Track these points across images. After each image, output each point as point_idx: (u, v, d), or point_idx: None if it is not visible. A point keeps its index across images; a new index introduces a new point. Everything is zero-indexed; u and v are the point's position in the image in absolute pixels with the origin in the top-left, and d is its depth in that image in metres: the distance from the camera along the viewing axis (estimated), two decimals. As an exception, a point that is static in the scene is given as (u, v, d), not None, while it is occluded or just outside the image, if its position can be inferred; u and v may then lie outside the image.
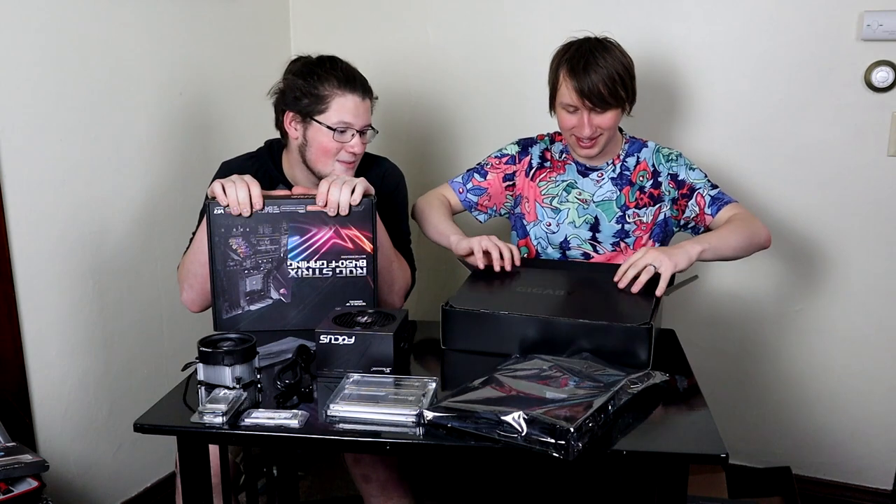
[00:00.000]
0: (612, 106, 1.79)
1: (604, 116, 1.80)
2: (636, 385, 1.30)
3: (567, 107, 1.81)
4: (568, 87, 1.79)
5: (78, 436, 2.05)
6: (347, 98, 1.71)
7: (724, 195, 1.89)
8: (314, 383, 1.41)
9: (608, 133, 1.84)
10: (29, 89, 1.85)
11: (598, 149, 1.86)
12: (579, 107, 1.79)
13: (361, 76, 1.76)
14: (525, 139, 2.02)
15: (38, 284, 1.92)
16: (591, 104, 1.77)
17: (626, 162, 1.93)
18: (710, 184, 1.90)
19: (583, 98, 1.77)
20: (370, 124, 1.77)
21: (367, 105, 1.75)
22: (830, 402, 2.33)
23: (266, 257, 1.61)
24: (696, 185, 1.89)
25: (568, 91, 1.79)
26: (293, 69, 1.77)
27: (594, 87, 1.75)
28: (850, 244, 2.22)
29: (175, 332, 2.30)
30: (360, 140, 1.75)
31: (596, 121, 1.80)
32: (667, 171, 1.92)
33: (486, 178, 1.99)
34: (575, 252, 1.95)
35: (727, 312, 2.38)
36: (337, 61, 1.75)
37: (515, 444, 1.14)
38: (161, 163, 2.22)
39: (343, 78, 1.72)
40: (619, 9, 2.27)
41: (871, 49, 2.09)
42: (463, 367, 1.52)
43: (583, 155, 1.90)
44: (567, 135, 1.87)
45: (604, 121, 1.80)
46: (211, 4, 2.36)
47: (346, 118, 1.71)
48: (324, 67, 1.73)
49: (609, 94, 1.76)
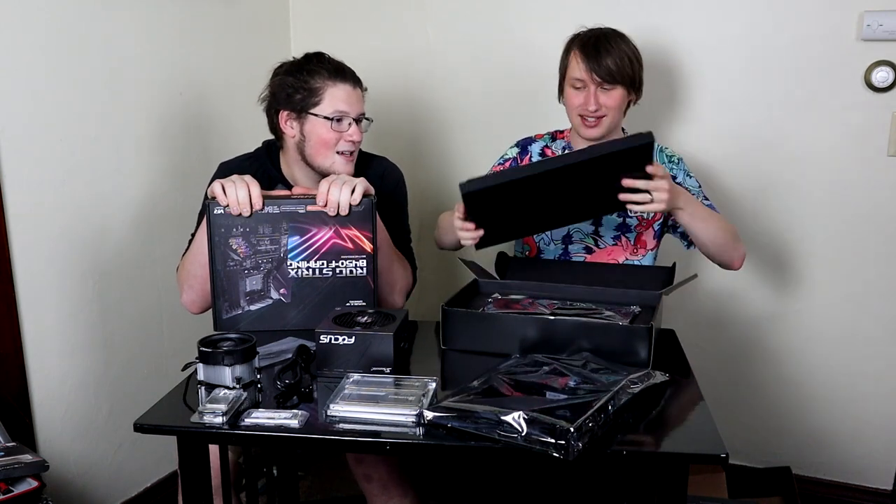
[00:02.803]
0: (619, 83, 1.82)
1: (610, 95, 1.83)
2: (636, 385, 1.30)
3: (575, 82, 1.85)
4: (578, 62, 1.84)
5: (78, 436, 2.05)
6: (339, 87, 1.73)
7: (715, 208, 1.91)
8: (314, 383, 1.41)
9: (612, 114, 1.85)
10: (29, 89, 1.85)
11: (602, 130, 1.87)
12: (587, 82, 1.83)
13: (350, 68, 1.78)
14: (523, 139, 2.03)
15: (38, 284, 1.92)
16: (600, 78, 1.81)
17: None
18: (703, 194, 1.93)
19: (591, 72, 1.81)
20: (364, 113, 1.78)
21: (359, 94, 1.77)
22: (830, 403, 2.33)
23: (266, 257, 1.61)
24: (692, 192, 1.90)
25: (578, 66, 1.84)
26: (280, 72, 1.78)
27: (604, 61, 1.81)
28: (850, 244, 2.22)
29: (175, 332, 2.30)
30: (357, 128, 1.76)
31: (602, 98, 1.83)
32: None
33: None
34: (577, 246, 1.96)
35: (727, 312, 2.38)
36: (323, 56, 1.77)
37: (515, 444, 1.14)
38: (161, 163, 2.22)
39: (332, 69, 1.74)
40: (618, 8, 2.27)
41: (871, 49, 2.09)
42: (463, 367, 1.52)
43: (586, 136, 1.89)
44: (573, 115, 1.89)
45: (609, 100, 1.83)
46: (211, 5, 2.36)
47: (340, 107, 1.73)
48: (312, 63, 1.75)
49: (618, 70, 1.81)
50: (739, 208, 2.28)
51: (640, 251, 1.95)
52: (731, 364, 2.40)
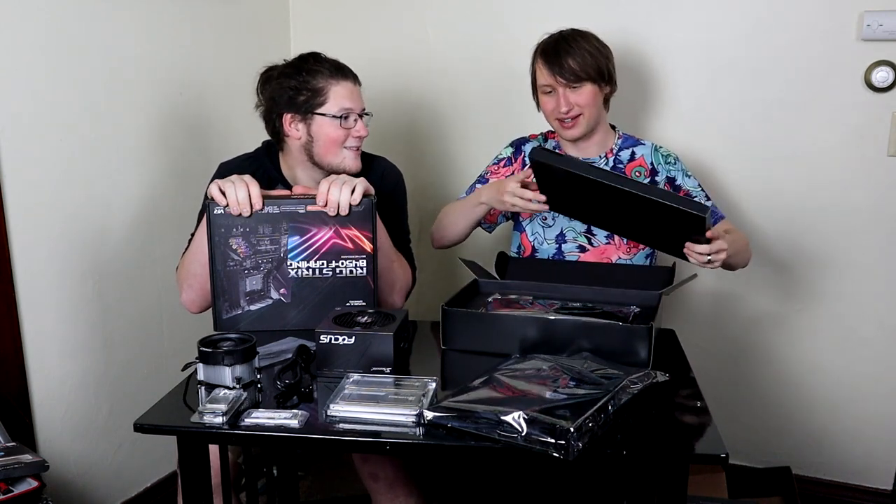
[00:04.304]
0: (584, 80, 1.84)
1: (579, 93, 1.85)
2: (636, 385, 1.30)
3: (544, 88, 1.88)
4: (541, 68, 1.87)
5: (78, 436, 2.05)
6: (342, 85, 1.75)
7: (717, 209, 1.94)
8: (314, 383, 1.41)
9: (588, 111, 1.87)
10: (29, 89, 1.85)
11: (581, 129, 1.89)
12: (553, 85, 1.86)
13: (344, 64, 1.79)
14: (518, 139, 2.05)
15: (38, 284, 1.92)
16: (564, 80, 1.84)
17: (620, 156, 1.96)
18: (704, 194, 1.93)
19: (554, 75, 1.84)
20: (365, 108, 1.80)
21: (359, 90, 1.79)
22: (830, 402, 2.32)
23: (266, 257, 1.61)
24: (692, 194, 1.93)
25: (542, 72, 1.87)
26: (273, 75, 1.77)
27: (563, 62, 1.83)
28: (849, 244, 2.22)
29: (175, 332, 2.30)
30: (363, 123, 1.78)
31: (572, 98, 1.85)
32: (665, 172, 1.93)
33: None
34: (570, 245, 1.97)
35: (727, 312, 2.38)
36: (320, 55, 1.78)
37: (515, 444, 1.14)
38: (161, 163, 2.22)
39: (333, 68, 1.75)
40: (618, 9, 2.26)
41: (871, 49, 2.09)
42: (463, 367, 1.52)
43: (567, 137, 1.92)
44: (551, 120, 1.92)
45: (579, 98, 1.85)
46: (211, 5, 2.36)
47: (346, 104, 1.74)
48: (310, 63, 1.75)
49: (580, 67, 1.83)
50: (739, 208, 2.28)
51: (633, 250, 1.96)
52: (731, 364, 2.40)
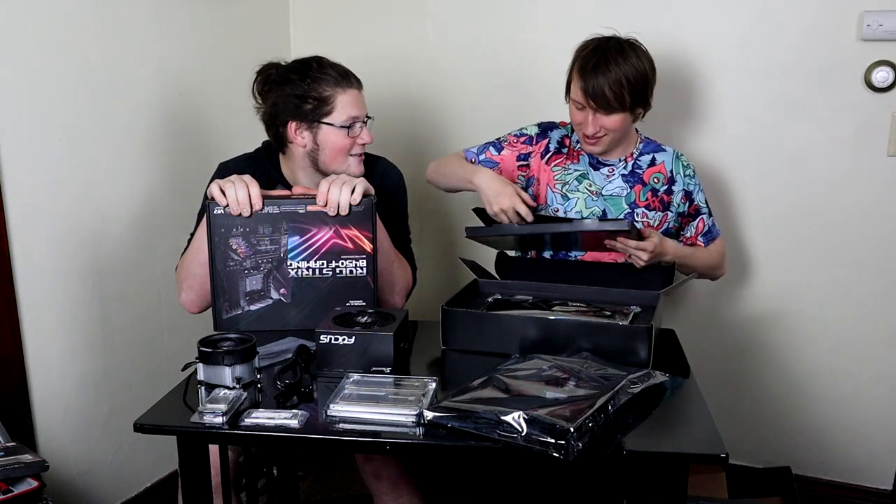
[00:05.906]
0: (616, 110, 1.80)
1: (609, 118, 1.82)
2: (636, 385, 1.30)
3: (575, 103, 1.85)
4: (576, 85, 1.83)
5: (78, 436, 2.05)
6: (348, 93, 1.73)
7: (716, 227, 1.99)
8: (314, 383, 1.41)
9: (613, 134, 1.86)
10: (29, 89, 1.85)
11: (602, 148, 1.88)
12: (585, 105, 1.82)
13: (348, 69, 1.77)
14: (547, 122, 2.03)
15: (38, 284, 1.92)
16: (596, 105, 1.80)
17: (640, 161, 1.95)
18: (709, 210, 1.98)
19: (587, 98, 1.80)
20: (367, 112, 1.79)
21: (363, 96, 1.78)
22: (830, 402, 2.32)
23: (266, 257, 1.61)
24: (702, 210, 1.97)
25: (575, 89, 1.83)
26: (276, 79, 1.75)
27: (599, 89, 1.77)
28: (849, 244, 2.22)
29: (175, 332, 2.30)
30: (368, 130, 1.77)
31: (601, 121, 1.82)
32: (683, 185, 1.95)
33: (501, 154, 2.00)
34: None
35: (727, 312, 2.38)
36: (323, 60, 1.75)
37: (515, 444, 1.14)
38: (161, 163, 2.22)
39: (338, 75, 1.73)
40: (620, 9, 2.26)
41: (871, 49, 2.09)
42: (463, 367, 1.52)
43: (587, 151, 1.93)
44: (576, 128, 1.91)
45: (609, 122, 1.82)
46: (211, 4, 2.36)
47: (352, 113, 1.73)
48: (313, 70, 1.73)
49: (614, 98, 1.78)
50: (739, 207, 2.28)
51: None
52: (731, 364, 2.40)
